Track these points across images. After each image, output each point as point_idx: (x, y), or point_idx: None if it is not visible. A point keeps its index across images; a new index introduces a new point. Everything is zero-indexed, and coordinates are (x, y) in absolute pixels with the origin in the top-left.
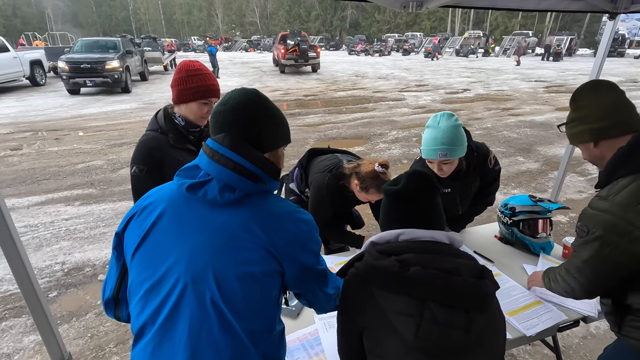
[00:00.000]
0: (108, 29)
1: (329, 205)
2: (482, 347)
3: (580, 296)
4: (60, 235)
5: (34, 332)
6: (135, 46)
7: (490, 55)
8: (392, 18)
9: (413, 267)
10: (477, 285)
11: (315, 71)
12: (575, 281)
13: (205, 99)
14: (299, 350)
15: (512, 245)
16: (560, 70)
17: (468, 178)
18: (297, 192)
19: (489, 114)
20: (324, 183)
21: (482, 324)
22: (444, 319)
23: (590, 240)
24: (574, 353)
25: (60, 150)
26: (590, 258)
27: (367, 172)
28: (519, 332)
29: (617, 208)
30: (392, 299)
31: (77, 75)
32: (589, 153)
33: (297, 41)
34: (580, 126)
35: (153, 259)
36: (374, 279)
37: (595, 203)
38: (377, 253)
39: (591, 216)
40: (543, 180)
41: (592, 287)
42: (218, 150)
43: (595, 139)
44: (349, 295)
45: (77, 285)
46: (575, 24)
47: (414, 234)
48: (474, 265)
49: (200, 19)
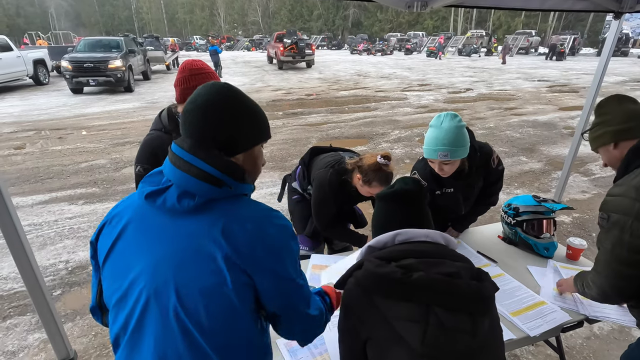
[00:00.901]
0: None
1: (332, 201)
2: (487, 350)
3: (613, 297)
4: (64, 234)
5: (39, 330)
6: (138, 45)
7: (492, 54)
8: (395, 17)
9: (416, 273)
10: (479, 287)
11: (310, 66)
12: (606, 280)
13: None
14: (303, 350)
15: (516, 246)
16: (563, 70)
17: (471, 178)
18: (299, 191)
19: (492, 114)
20: (326, 179)
21: (486, 327)
22: (450, 324)
23: (610, 227)
24: (577, 354)
25: (63, 149)
26: (613, 247)
27: (370, 164)
28: (523, 333)
29: (632, 190)
30: (396, 307)
31: (80, 75)
32: (609, 155)
33: (294, 39)
34: (603, 129)
35: (120, 270)
36: (376, 287)
37: (612, 190)
38: (377, 260)
39: (608, 202)
40: (546, 180)
41: (624, 281)
42: (179, 155)
43: (616, 140)
44: (350, 305)
45: (80, 284)
46: (579, 23)
47: (409, 233)
48: (472, 268)
49: (203, 18)
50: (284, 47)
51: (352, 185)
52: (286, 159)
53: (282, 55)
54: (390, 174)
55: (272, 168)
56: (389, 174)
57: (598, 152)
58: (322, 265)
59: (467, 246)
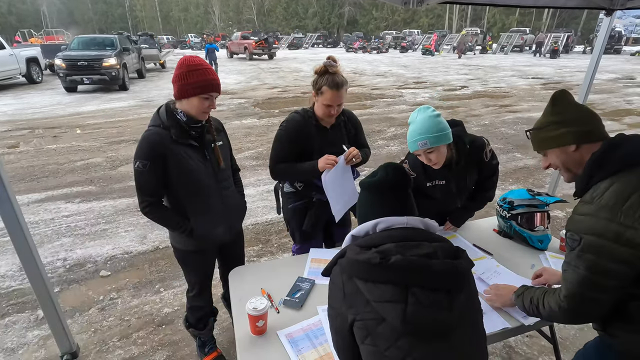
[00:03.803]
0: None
1: (288, 140)
2: (465, 323)
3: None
4: (61, 232)
5: (38, 327)
6: (132, 43)
7: (487, 52)
8: (390, 15)
9: (394, 257)
10: (454, 265)
11: (272, 58)
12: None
13: (206, 93)
14: (304, 340)
15: (511, 239)
16: (557, 68)
17: (463, 169)
18: (293, 190)
19: (487, 111)
20: (288, 117)
21: (462, 301)
22: (427, 302)
23: (584, 250)
24: (570, 344)
25: (58, 148)
26: (589, 271)
27: (316, 71)
28: (518, 322)
29: (604, 211)
30: (377, 289)
31: (74, 73)
32: (565, 158)
33: (264, 36)
34: (562, 129)
35: None
36: (358, 272)
37: (581, 208)
38: (358, 248)
39: (579, 222)
40: (540, 176)
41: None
42: None
43: (579, 142)
44: (336, 292)
45: (79, 281)
46: (573, 21)
47: (390, 221)
48: (449, 247)
49: (197, 16)
50: (256, 42)
51: (317, 118)
52: None
53: (254, 48)
54: (336, 76)
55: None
56: (336, 76)
57: (546, 152)
58: (321, 259)
59: (463, 239)
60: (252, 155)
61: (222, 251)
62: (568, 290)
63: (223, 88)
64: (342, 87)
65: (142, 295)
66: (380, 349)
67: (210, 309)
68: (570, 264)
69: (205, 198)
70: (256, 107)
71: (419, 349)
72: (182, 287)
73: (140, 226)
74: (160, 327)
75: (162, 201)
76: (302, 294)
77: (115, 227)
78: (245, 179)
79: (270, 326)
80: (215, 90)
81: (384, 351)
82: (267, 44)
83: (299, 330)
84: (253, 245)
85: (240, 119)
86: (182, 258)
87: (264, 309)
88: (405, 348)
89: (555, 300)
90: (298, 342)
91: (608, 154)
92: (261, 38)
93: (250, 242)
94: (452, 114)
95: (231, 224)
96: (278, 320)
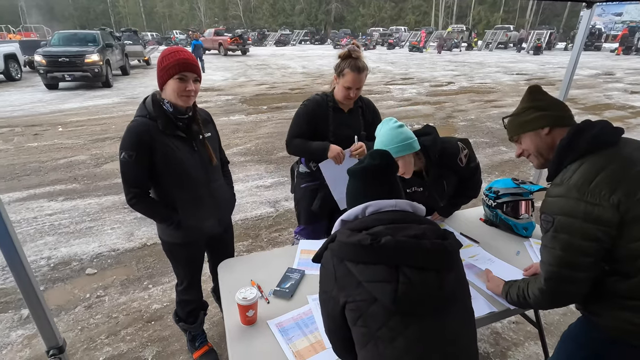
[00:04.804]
0: (85, 22)
1: (306, 117)
2: (455, 302)
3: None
4: (45, 231)
5: (22, 326)
6: (116, 39)
7: (473, 49)
8: (377, 12)
9: (384, 238)
10: (443, 245)
11: (245, 54)
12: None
13: (179, 73)
14: (294, 329)
15: (497, 227)
16: (540, 64)
17: (438, 176)
18: (307, 171)
19: (473, 106)
20: (310, 97)
21: (452, 280)
22: (418, 281)
23: (557, 231)
24: (555, 329)
25: (40, 146)
26: (564, 251)
27: (340, 55)
28: (504, 306)
29: (574, 190)
30: (368, 270)
31: (55, 70)
32: (538, 141)
33: (238, 33)
34: (537, 113)
35: None
36: (348, 255)
37: (552, 190)
38: (349, 231)
39: (551, 203)
40: (525, 168)
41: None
42: None
43: (552, 124)
44: (328, 276)
45: (64, 280)
46: (555, 19)
47: (379, 204)
48: (437, 228)
49: (182, 12)
50: (231, 38)
51: (337, 102)
52: (272, 152)
53: (229, 44)
54: (358, 60)
55: (257, 161)
56: (358, 60)
57: (519, 139)
58: (311, 250)
59: (450, 228)
60: (240, 152)
61: (211, 244)
62: (547, 273)
63: (210, 85)
64: (363, 71)
65: (130, 292)
66: (372, 329)
67: (200, 303)
68: (547, 246)
69: (193, 190)
70: (244, 104)
71: (410, 328)
72: (171, 283)
73: (127, 223)
74: (149, 324)
75: (149, 193)
76: (292, 284)
77: (101, 225)
78: (234, 175)
79: (260, 316)
80: (188, 70)
81: (375, 331)
82: (242, 40)
83: (290, 319)
84: (243, 240)
85: (227, 115)
86: (170, 251)
87: (254, 299)
88: (396, 328)
89: (537, 286)
90: (288, 330)
91: (575, 138)
92: (235, 35)
93: (240, 237)
94: (439, 110)
95: (220, 217)
96: (268, 311)
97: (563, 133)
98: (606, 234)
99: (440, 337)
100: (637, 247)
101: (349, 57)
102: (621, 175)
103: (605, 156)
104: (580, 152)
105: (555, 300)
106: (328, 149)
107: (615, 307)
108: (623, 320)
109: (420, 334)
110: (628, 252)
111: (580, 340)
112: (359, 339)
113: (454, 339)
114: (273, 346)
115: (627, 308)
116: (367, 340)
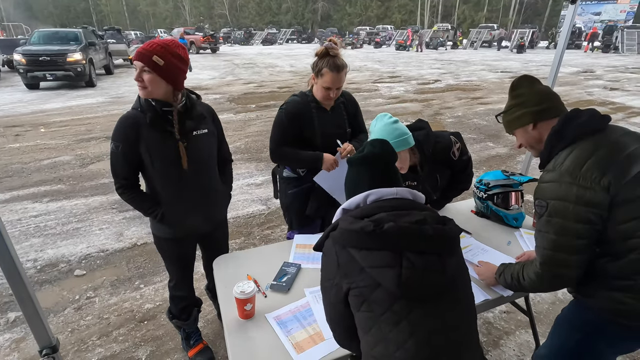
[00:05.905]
0: (66, 21)
1: (289, 122)
2: (457, 285)
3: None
4: (30, 233)
5: (9, 330)
6: (98, 38)
7: (458, 47)
8: (363, 11)
9: (387, 224)
10: (444, 230)
11: (215, 52)
12: (550, 269)
13: (133, 62)
14: (293, 322)
15: (488, 218)
16: (524, 62)
17: (431, 170)
18: (294, 175)
19: (460, 103)
20: (288, 99)
21: (453, 265)
22: (420, 265)
23: (551, 215)
24: (544, 317)
25: (22, 147)
26: (558, 235)
27: (317, 53)
28: (497, 294)
29: (565, 175)
30: (372, 256)
31: (36, 69)
32: (527, 136)
33: (209, 32)
34: (520, 110)
35: None
36: (351, 241)
37: (545, 176)
38: (351, 218)
39: (544, 189)
40: (512, 163)
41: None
42: None
43: (535, 120)
44: (330, 263)
45: (52, 282)
46: (537, 18)
47: (380, 192)
48: (437, 215)
49: (167, 10)
50: (203, 37)
51: (317, 102)
52: (261, 150)
53: (202, 42)
54: (337, 58)
55: (247, 159)
56: (336, 58)
57: (514, 134)
58: (306, 244)
59: None
60: (230, 150)
61: (203, 242)
62: (542, 257)
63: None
64: (342, 70)
65: (121, 292)
66: (376, 314)
67: (193, 300)
68: (541, 230)
69: (175, 185)
70: (232, 103)
71: (414, 312)
72: (163, 282)
73: (115, 224)
74: (142, 323)
75: (137, 184)
76: (289, 277)
77: (89, 226)
78: None
79: (258, 310)
80: (137, 58)
81: (379, 316)
82: (214, 39)
83: (288, 312)
84: (235, 238)
85: None
86: (160, 245)
87: (252, 292)
88: (400, 312)
89: (533, 270)
90: (287, 323)
91: (565, 126)
92: (207, 34)
93: (233, 235)
94: (426, 107)
95: (209, 215)
96: (266, 304)
97: (549, 125)
98: (598, 216)
99: (443, 322)
100: (627, 228)
101: (326, 55)
102: (611, 159)
103: (594, 142)
104: (570, 139)
105: (551, 283)
106: (322, 160)
107: (606, 287)
108: (614, 300)
109: (424, 319)
110: (618, 234)
111: (574, 323)
112: (363, 324)
113: (457, 325)
114: (272, 339)
115: (618, 288)
116: (371, 324)
